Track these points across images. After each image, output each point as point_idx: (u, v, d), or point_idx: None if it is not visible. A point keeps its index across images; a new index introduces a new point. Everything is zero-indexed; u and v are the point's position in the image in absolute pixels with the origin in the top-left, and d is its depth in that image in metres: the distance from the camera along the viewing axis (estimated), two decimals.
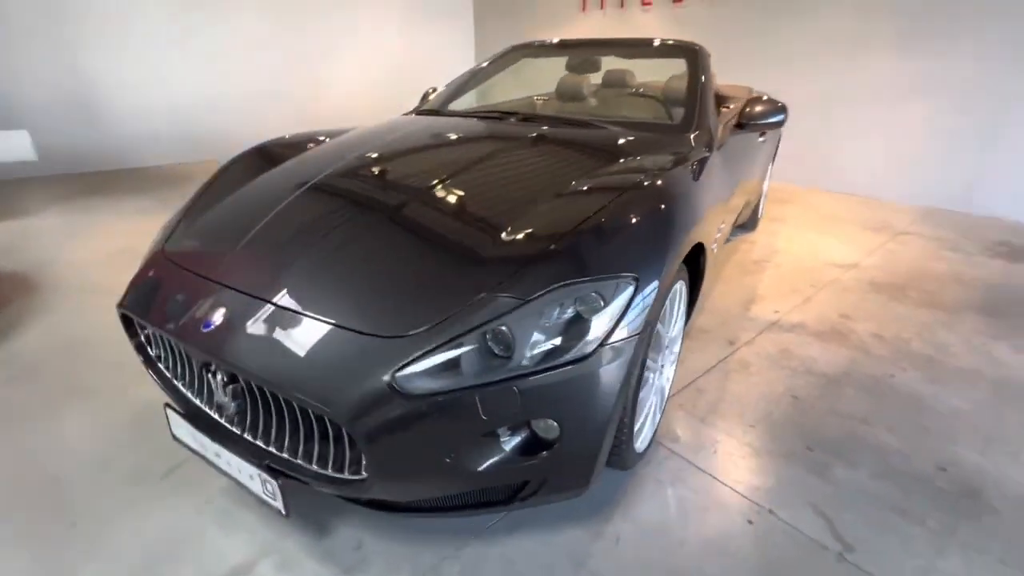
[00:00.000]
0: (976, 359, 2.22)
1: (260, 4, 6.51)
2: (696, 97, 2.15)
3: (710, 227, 1.73)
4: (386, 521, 1.38)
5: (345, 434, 1.09)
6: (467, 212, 1.40)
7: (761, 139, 2.96)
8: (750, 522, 1.41)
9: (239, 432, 1.26)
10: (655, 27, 6.18)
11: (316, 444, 1.16)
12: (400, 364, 1.02)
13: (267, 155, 2.01)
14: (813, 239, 3.70)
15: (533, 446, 1.12)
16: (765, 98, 2.16)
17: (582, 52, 2.97)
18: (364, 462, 1.07)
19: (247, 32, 6.48)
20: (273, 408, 1.20)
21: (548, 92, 3.34)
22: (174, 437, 1.43)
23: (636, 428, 1.38)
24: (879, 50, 4.59)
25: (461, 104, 2.84)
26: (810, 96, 4.96)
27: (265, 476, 1.18)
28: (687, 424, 1.79)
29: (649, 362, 1.39)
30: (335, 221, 1.44)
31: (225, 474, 1.30)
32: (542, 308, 1.07)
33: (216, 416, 1.31)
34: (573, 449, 1.13)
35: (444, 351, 1.03)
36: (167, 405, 1.39)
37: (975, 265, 3.26)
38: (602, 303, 1.10)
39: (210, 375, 1.26)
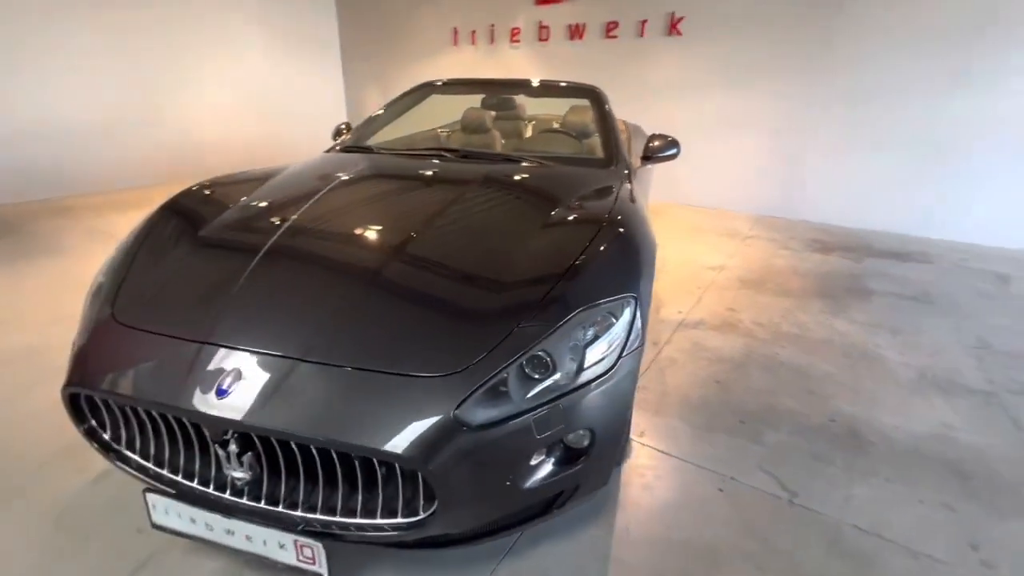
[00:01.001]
0: (826, 332, 2.86)
1: (99, 25, 5.70)
2: (610, 134, 2.48)
3: None
4: (413, 564, 1.38)
5: (399, 475, 1.11)
6: (469, 257, 1.46)
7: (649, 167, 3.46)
8: (720, 490, 1.68)
9: (252, 503, 1.18)
10: (523, 63, 6.71)
11: (360, 494, 1.14)
12: (461, 399, 1.08)
13: (202, 201, 1.85)
14: (685, 247, 4.35)
15: (569, 457, 1.25)
16: (663, 135, 2.57)
17: (488, 90, 3.19)
18: (424, 500, 1.10)
19: (86, 54, 5.63)
20: (297, 469, 1.16)
21: (454, 124, 3.50)
22: (154, 525, 1.27)
23: None
24: (706, 91, 5.59)
25: (382, 137, 2.87)
26: (660, 126, 5.82)
27: (304, 540, 1.13)
28: (645, 419, 2.04)
29: None
30: (336, 273, 1.42)
31: (237, 551, 1.20)
32: (570, 331, 1.21)
33: (208, 490, 1.20)
34: (601, 453, 1.27)
35: (495, 381, 1.12)
36: (147, 490, 1.23)
37: (803, 259, 4.14)
38: (614, 320, 1.27)
39: (217, 446, 1.16)
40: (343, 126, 2.94)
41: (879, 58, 4.70)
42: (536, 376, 1.16)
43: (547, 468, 1.21)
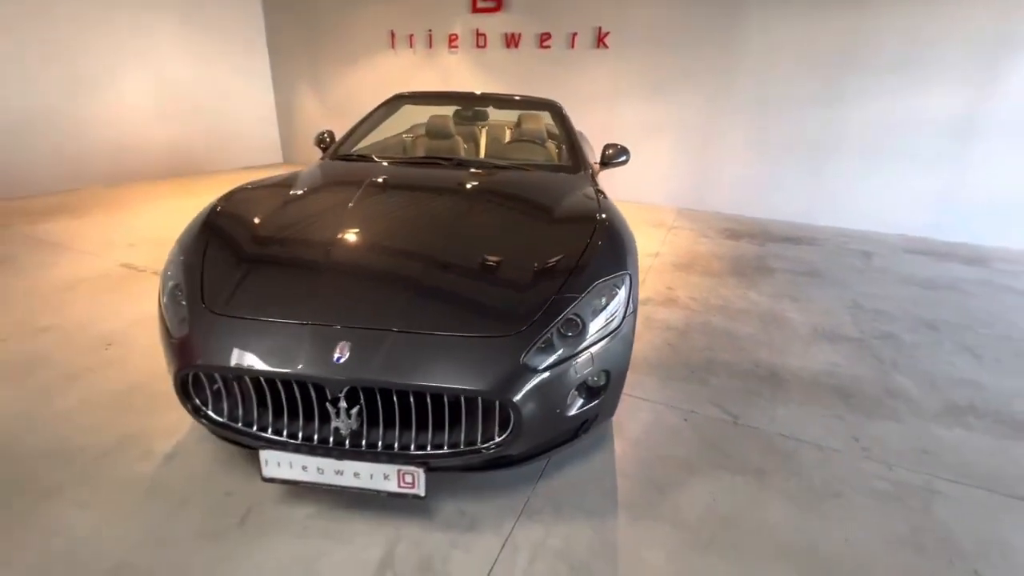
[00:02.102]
0: (744, 303, 3.54)
1: (7, 21, 5.27)
2: (573, 144, 2.95)
3: None
4: (465, 491, 1.75)
5: (479, 412, 1.48)
6: (503, 246, 1.84)
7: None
8: (685, 420, 2.21)
9: (357, 445, 1.50)
10: (461, 68, 7.04)
11: (445, 431, 1.50)
12: (525, 350, 1.48)
13: (245, 205, 2.08)
14: None
15: (592, 392, 1.68)
16: (614, 144, 3.07)
17: (457, 102, 3.54)
18: (497, 430, 1.49)
19: None
20: (392, 420, 1.49)
21: (418, 129, 3.80)
22: (265, 478, 1.54)
23: None
24: (631, 99, 6.28)
25: (361, 143, 3.12)
26: (590, 130, 6.43)
27: (406, 468, 1.47)
28: None
29: None
30: (401, 262, 1.75)
31: (343, 488, 1.51)
32: (590, 300, 1.65)
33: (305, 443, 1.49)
34: (613, 390, 1.72)
35: (546, 336, 1.53)
36: (260, 448, 1.51)
37: (719, 245, 4.91)
38: (618, 291, 1.72)
39: (328, 403, 1.47)
40: (326, 135, 3.15)
41: (774, 73, 5.61)
42: (571, 333, 1.59)
43: (579, 401, 1.63)
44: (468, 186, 2.36)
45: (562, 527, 1.63)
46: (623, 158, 3.06)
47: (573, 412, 1.61)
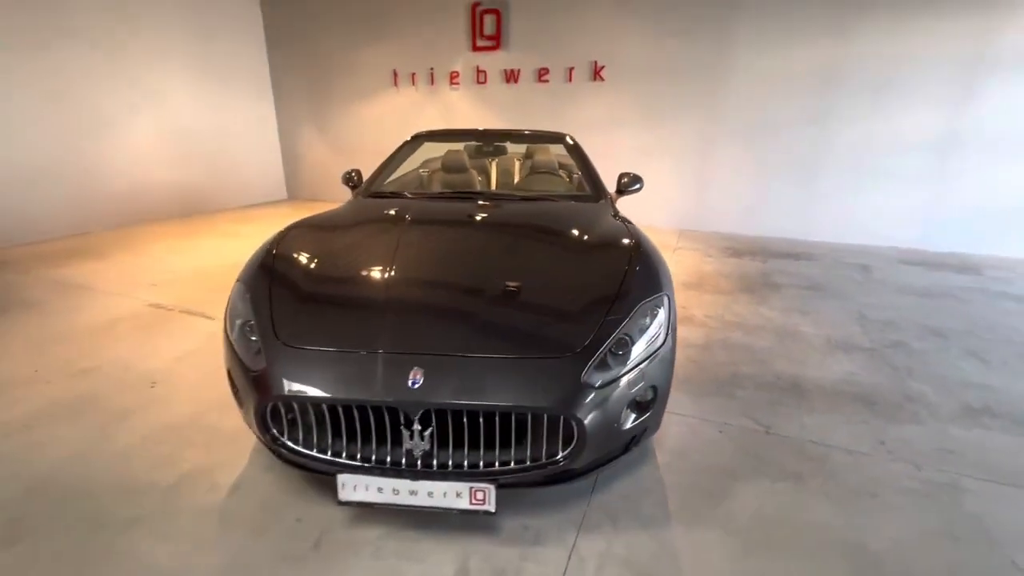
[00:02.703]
0: (757, 319, 3.69)
1: (20, 71, 5.46)
2: (592, 174, 3.13)
3: None
4: (526, 507, 1.83)
5: (544, 429, 1.59)
6: (552, 273, 1.99)
7: None
8: (720, 432, 2.32)
9: (429, 465, 1.59)
10: (463, 103, 7.32)
11: (512, 449, 1.60)
12: (583, 369, 1.60)
13: (299, 243, 2.21)
14: None
15: (641, 407, 1.79)
16: (628, 172, 3.26)
17: (473, 139, 3.73)
18: (561, 446, 1.59)
19: (4, 100, 5.35)
20: (460, 441, 1.59)
21: (433, 164, 3.97)
22: (340, 503, 1.62)
23: None
24: (627, 127, 6.55)
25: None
26: (591, 157, 6.69)
27: (478, 486, 1.56)
28: None
29: None
30: (459, 292, 1.87)
31: (417, 508, 1.60)
32: (636, 320, 1.77)
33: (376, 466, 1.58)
34: (660, 404, 1.84)
35: (601, 356, 1.65)
36: (336, 473, 1.59)
37: (724, 264, 5.09)
38: (659, 311, 1.86)
39: (402, 427, 1.56)
40: (353, 173, 3.31)
41: (763, 99, 5.91)
42: (621, 352, 1.71)
43: (631, 416, 1.74)
44: (504, 218, 2.51)
45: (622, 537, 1.72)
46: (637, 186, 3.24)
47: (628, 426, 1.71)
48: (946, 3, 5.08)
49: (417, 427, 1.55)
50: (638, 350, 1.73)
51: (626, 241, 2.18)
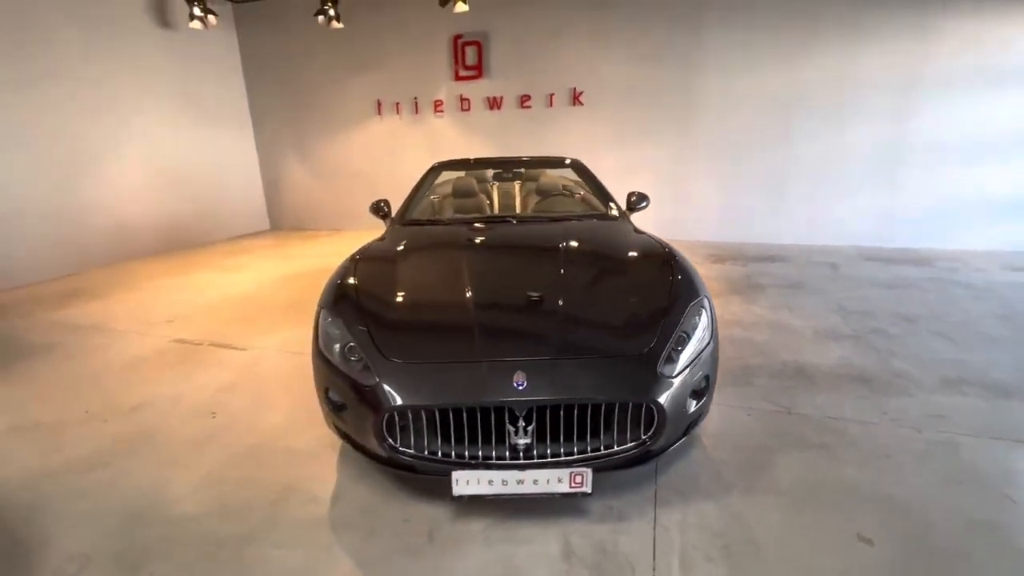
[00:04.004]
0: (751, 317, 4.08)
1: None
2: (605, 193, 3.45)
3: None
4: (604, 491, 2.07)
5: (628, 417, 1.85)
6: (609, 284, 2.28)
7: None
8: (748, 415, 2.64)
9: (530, 456, 1.81)
10: (448, 130, 7.62)
11: (601, 436, 1.85)
12: (656, 363, 1.87)
13: (369, 271, 2.42)
14: None
15: (698, 394, 2.07)
16: (636, 191, 3.60)
17: (489, 166, 4.00)
18: (643, 430, 1.85)
19: None
20: (557, 432, 1.83)
21: (444, 191, 4.21)
22: (455, 497, 1.82)
23: None
24: (607, 147, 7.00)
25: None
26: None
27: (577, 470, 1.80)
28: None
29: None
30: (531, 304, 2.12)
31: (522, 495, 1.82)
32: (689, 319, 2.07)
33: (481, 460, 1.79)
34: (711, 391, 2.13)
35: (668, 350, 1.93)
36: (452, 471, 1.80)
37: (710, 268, 5.52)
38: (704, 311, 2.16)
39: (508, 423, 1.79)
40: (382, 203, 3.52)
41: (733, 118, 6.48)
42: (680, 347, 2.00)
43: (692, 402, 2.02)
44: (548, 237, 2.79)
45: (693, 507, 1.98)
46: (644, 203, 3.59)
47: (691, 411, 1.99)
48: (883, 32, 5.79)
49: (521, 423, 1.78)
50: (693, 345, 2.02)
51: (663, 253, 2.50)
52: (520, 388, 1.77)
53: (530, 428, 1.79)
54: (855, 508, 1.96)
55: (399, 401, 1.79)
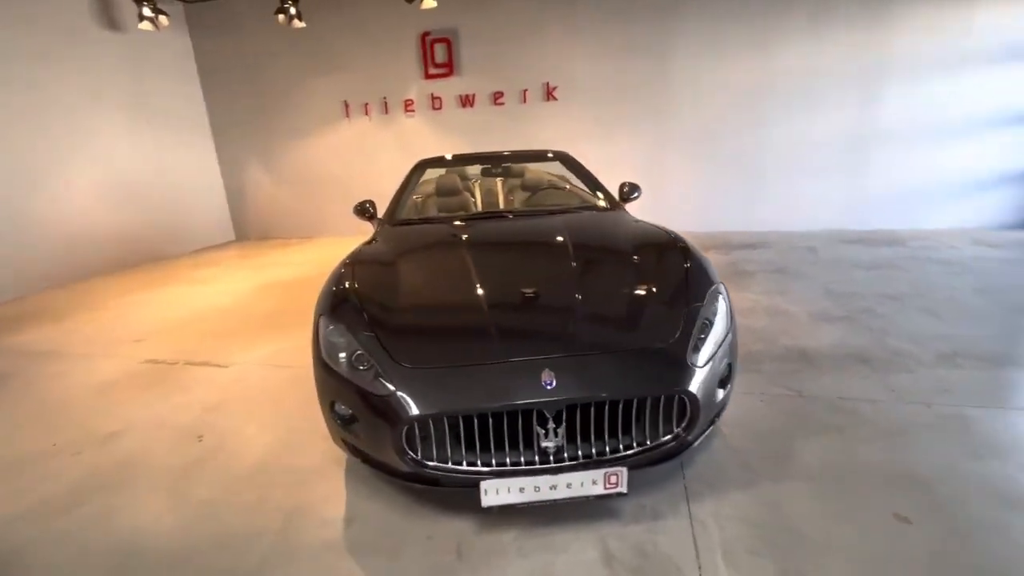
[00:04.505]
0: (746, 303, 4.10)
1: None
2: (598, 184, 3.39)
3: None
4: (632, 489, 2.00)
5: (660, 410, 1.77)
6: (625, 274, 2.20)
7: None
8: (762, 401, 2.61)
9: (561, 459, 1.72)
10: (420, 129, 7.44)
11: (633, 431, 1.77)
12: (685, 352, 1.81)
13: (369, 270, 2.28)
14: None
15: (722, 382, 2.02)
16: (629, 182, 3.55)
17: (475, 162, 3.89)
18: (676, 423, 1.78)
19: None
20: (587, 425, 1.74)
21: (427, 188, 4.06)
22: (484, 507, 1.71)
23: None
24: (584, 141, 6.96)
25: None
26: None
27: (612, 470, 1.71)
28: None
29: None
30: (548, 300, 2.03)
31: (555, 501, 1.72)
32: (710, 306, 2.02)
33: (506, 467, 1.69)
34: (733, 379, 2.08)
35: (695, 339, 1.87)
36: (478, 483, 1.68)
37: None
38: (721, 298, 2.11)
39: (537, 426, 1.69)
40: (368, 204, 3.35)
41: (704, 109, 6.54)
42: (704, 336, 1.94)
43: (719, 390, 1.97)
44: (550, 230, 2.70)
45: (725, 499, 1.93)
46: (636, 194, 3.54)
47: (718, 399, 1.94)
48: (848, 20, 5.96)
49: (551, 425, 1.68)
50: (716, 333, 1.96)
51: (674, 242, 2.44)
52: (550, 387, 1.67)
53: (560, 430, 1.69)
54: (885, 488, 1.95)
55: (419, 410, 1.66)
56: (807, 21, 6.03)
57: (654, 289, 2.10)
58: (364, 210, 3.36)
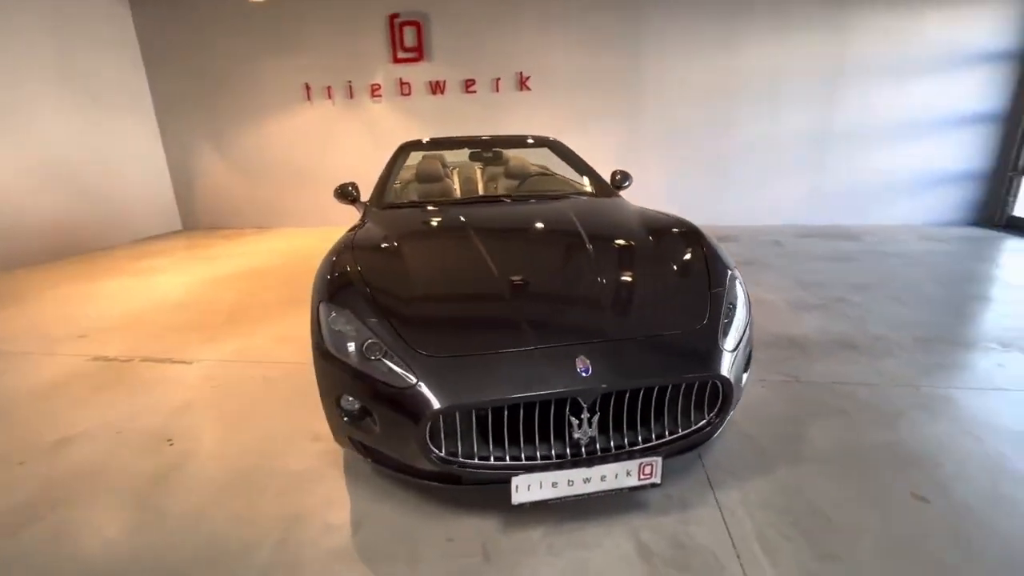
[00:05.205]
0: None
1: None
2: (592, 171, 3.32)
3: None
4: (674, 470, 1.93)
5: (692, 395, 1.71)
6: (636, 258, 2.13)
7: None
8: (763, 387, 2.62)
9: (594, 451, 1.63)
10: (387, 115, 7.15)
11: (665, 419, 1.70)
12: (715, 336, 1.75)
13: (371, 256, 2.10)
14: None
15: (745, 365, 1.99)
16: (620, 170, 3.51)
17: (463, 146, 3.73)
18: (707, 409, 1.73)
19: None
20: (622, 412, 1.66)
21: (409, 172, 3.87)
22: (515, 505, 1.59)
23: None
24: (556, 133, 6.89)
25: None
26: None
27: (646, 460, 1.64)
28: None
29: None
30: (570, 286, 1.93)
31: (589, 495, 1.63)
32: (731, 287, 1.98)
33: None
34: (751, 362, 2.06)
35: (724, 322, 1.82)
36: (508, 479, 1.57)
37: None
38: (737, 282, 2.08)
39: (571, 416, 1.59)
40: (350, 187, 3.13)
41: (674, 105, 6.63)
42: (727, 320, 1.90)
43: (744, 375, 1.94)
44: (555, 214, 2.59)
45: (749, 485, 1.90)
46: (628, 182, 3.50)
47: (743, 384, 1.91)
48: (809, 24, 6.19)
49: (586, 414, 1.59)
50: (739, 317, 1.93)
51: (686, 226, 2.39)
52: (585, 375, 1.57)
53: (594, 419, 1.60)
54: (897, 468, 1.98)
55: (446, 402, 1.52)
56: (772, 21, 6.23)
57: (676, 273, 2.04)
58: (347, 193, 3.14)
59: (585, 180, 3.35)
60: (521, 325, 1.72)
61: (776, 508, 1.79)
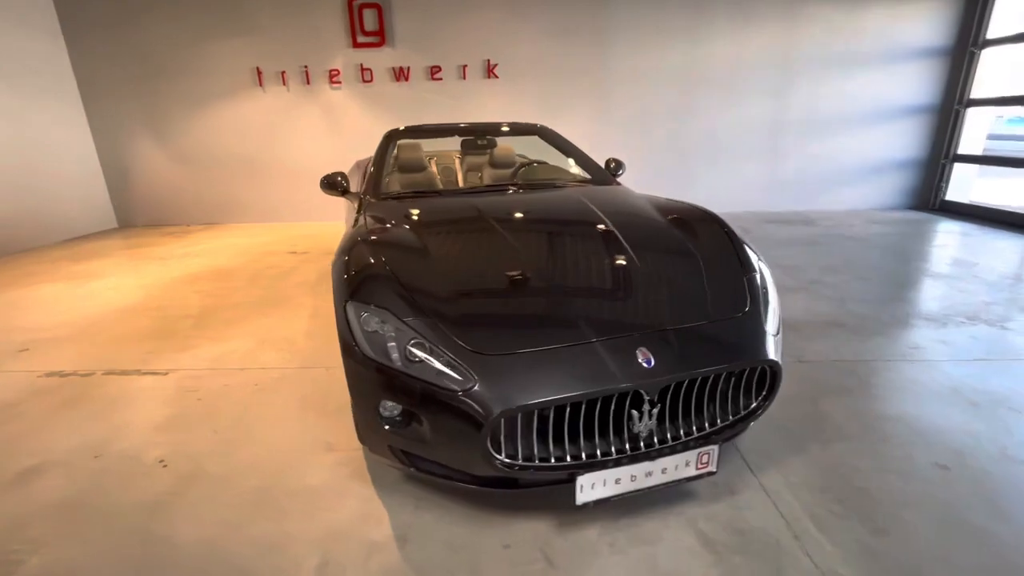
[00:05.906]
0: None
1: None
2: (588, 158, 3.27)
3: None
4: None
5: (743, 381, 1.71)
6: (665, 246, 2.09)
7: None
8: None
9: (652, 444, 1.59)
10: (348, 102, 6.80)
11: (717, 405, 1.69)
12: (761, 321, 1.75)
13: (397, 246, 1.96)
14: None
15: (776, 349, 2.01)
16: (614, 158, 3.48)
17: (452, 133, 3.57)
18: (755, 394, 1.73)
19: None
20: (677, 403, 1.63)
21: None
22: (579, 505, 1.53)
23: None
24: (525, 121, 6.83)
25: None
26: None
27: (704, 450, 1.62)
28: None
29: None
30: (616, 275, 1.87)
31: (650, 489, 1.59)
32: (761, 272, 2.00)
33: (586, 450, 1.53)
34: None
35: (764, 307, 1.82)
36: (573, 479, 1.50)
37: None
38: (763, 266, 2.10)
39: (633, 410, 1.54)
40: (339, 177, 2.92)
41: (639, 93, 6.71)
42: (766, 306, 1.91)
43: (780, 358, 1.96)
44: (571, 203, 2.52)
45: (786, 468, 1.93)
46: (621, 171, 3.48)
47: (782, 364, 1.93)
48: (764, 15, 6.42)
49: (647, 407, 1.54)
50: (773, 302, 1.95)
51: (707, 214, 2.39)
52: (648, 366, 1.52)
53: (655, 411, 1.56)
54: (915, 440, 2.08)
55: (510, 404, 1.43)
56: (730, 12, 6.41)
57: (709, 260, 2.03)
58: (335, 184, 2.92)
59: (580, 168, 3.29)
60: (572, 318, 1.64)
61: (818, 488, 1.82)
